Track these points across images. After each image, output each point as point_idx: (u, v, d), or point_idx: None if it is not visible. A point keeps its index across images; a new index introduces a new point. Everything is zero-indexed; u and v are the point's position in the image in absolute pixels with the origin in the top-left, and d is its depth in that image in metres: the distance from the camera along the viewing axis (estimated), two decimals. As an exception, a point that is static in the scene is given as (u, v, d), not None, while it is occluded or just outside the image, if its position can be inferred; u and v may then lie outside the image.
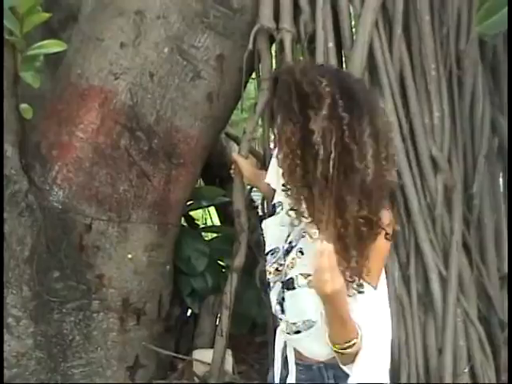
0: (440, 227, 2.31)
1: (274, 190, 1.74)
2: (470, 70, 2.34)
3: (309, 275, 1.47)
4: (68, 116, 2.36)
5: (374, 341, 1.44)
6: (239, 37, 2.39)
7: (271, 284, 1.64)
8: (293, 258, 1.56)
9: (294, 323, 1.57)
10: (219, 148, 3.35)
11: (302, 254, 1.55)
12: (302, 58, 2.37)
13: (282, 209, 1.65)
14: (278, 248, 1.63)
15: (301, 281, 1.53)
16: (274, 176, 1.71)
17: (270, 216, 1.71)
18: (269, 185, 1.85)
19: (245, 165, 2.23)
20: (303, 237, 1.56)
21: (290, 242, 1.60)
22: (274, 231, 1.67)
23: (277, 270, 1.62)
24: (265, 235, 1.71)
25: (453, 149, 2.33)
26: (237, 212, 2.37)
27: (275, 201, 1.71)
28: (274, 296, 1.64)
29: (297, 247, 1.57)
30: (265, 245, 1.69)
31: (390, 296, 2.24)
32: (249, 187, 2.68)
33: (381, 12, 2.28)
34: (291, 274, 1.56)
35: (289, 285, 1.56)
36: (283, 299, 1.59)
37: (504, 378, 2.33)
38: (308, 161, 1.38)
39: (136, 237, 2.39)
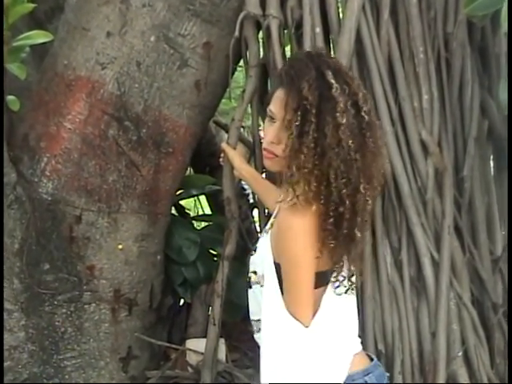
0: (431, 211, 2.29)
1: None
2: (458, 53, 2.31)
3: (254, 272, 1.50)
4: (55, 107, 2.35)
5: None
6: (226, 24, 2.37)
7: None
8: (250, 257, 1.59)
9: (256, 321, 1.59)
10: (208, 136, 3.34)
11: (255, 251, 1.57)
12: (289, 44, 2.36)
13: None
14: None
15: (253, 278, 1.53)
16: None
17: None
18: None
19: (233, 155, 2.14)
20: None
21: None
22: None
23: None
24: None
25: (443, 132, 2.31)
26: (227, 200, 2.36)
27: None
28: None
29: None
30: None
31: (382, 281, 2.29)
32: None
33: (368, -4, 2.26)
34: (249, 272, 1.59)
35: (249, 283, 1.59)
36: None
37: (498, 360, 2.32)
38: None
39: (126, 227, 2.38)
